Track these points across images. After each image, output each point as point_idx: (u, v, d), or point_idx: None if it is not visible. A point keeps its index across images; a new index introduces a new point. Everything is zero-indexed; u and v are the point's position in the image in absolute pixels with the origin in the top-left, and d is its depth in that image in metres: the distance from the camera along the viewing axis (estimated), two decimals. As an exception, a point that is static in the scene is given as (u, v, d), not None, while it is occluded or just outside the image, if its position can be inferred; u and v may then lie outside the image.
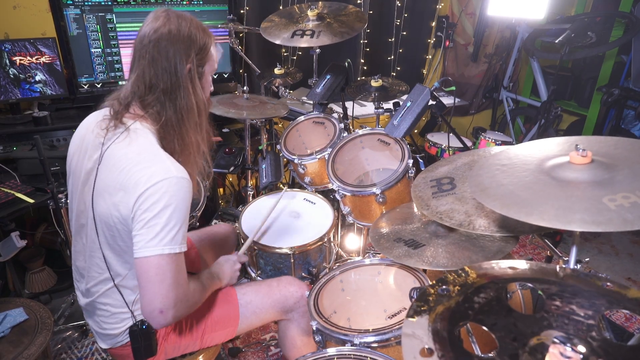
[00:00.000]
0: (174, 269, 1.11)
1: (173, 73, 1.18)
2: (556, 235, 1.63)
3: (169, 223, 1.09)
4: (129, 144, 1.15)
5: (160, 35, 1.16)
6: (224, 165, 2.40)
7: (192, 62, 1.20)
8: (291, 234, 1.82)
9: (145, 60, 1.17)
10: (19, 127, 2.39)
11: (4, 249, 1.95)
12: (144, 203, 1.08)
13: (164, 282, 1.10)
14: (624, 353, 0.73)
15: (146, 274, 1.10)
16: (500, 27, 3.77)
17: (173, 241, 1.10)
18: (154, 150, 1.16)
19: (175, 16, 1.19)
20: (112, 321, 1.27)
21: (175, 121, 1.21)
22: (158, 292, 1.10)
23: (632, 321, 2.37)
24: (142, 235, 1.08)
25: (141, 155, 1.13)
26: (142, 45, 1.17)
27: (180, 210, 1.11)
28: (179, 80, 1.19)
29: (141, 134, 1.17)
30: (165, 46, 1.16)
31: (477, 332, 0.93)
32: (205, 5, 2.79)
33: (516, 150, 1.21)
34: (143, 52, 1.17)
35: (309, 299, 1.46)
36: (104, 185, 1.15)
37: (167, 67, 1.17)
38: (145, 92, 1.19)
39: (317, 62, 2.53)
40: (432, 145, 3.03)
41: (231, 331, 1.43)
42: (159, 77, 1.17)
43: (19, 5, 2.46)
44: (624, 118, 3.29)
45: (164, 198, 1.08)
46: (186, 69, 1.19)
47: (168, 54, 1.16)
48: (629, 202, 0.90)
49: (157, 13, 1.20)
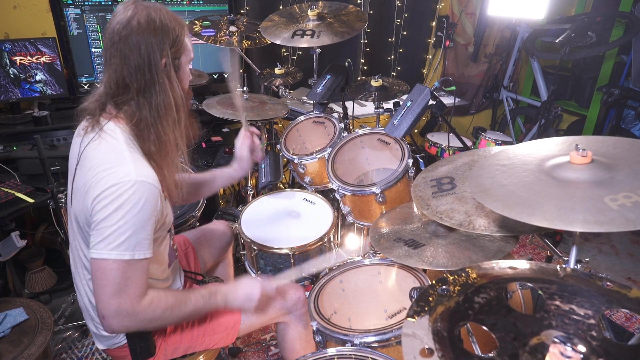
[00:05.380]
0: (118, 276, 1.05)
1: (147, 70, 1.11)
2: (556, 235, 1.62)
3: (119, 227, 1.04)
4: (98, 145, 1.12)
5: (130, 31, 1.09)
6: (224, 165, 2.38)
7: (167, 55, 1.13)
8: (291, 234, 1.82)
9: (117, 58, 1.10)
10: (19, 127, 2.39)
11: (4, 248, 1.95)
12: (98, 205, 1.05)
13: (105, 287, 1.05)
14: (624, 353, 0.72)
15: (94, 276, 1.07)
16: (501, 27, 3.77)
17: (122, 246, 1.04)
18: (118, 151, 1.10)
19: (144, 7, 1.12)
20: None
21: (152, 120, 1.15)
22: (99, 297, 1.06)
23: (632, 321, 2.36)
24: (93, 237, 1.06)
25: (106, 157, 1.10)
26: (112, 42, 1.10)
27: (134, 215, 1.05)
28: (154, 76, 1.12)
29: (111, 134, 1.13)
30: (137, 41, 1.09)
31: (477, 332, 0.92)
32: (205, 5, 2.79)
33: (516, 150, 1.21)
34: (113, 50, 1.10)
35: (309, 299, 1.46)
36: (77, 186, 1.13)
37: (140, 64, 1.10)
38: (118, 92, 1.13)
39: (317, 62, 2.53)
40: (432, 145, 3.03)
41: (233, 333, 1.43)
42: (132, 76, 1.11)
43: (19, 5, 2.46)
44: (624, 118, 3.28)
45: (117, 201, 1.03)
46: (162, 64, 1.13)
47: (140, 49, 1.09)
48: (631, 201, 0.90)
49: (125, 4, 1.12)
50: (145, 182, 1.07)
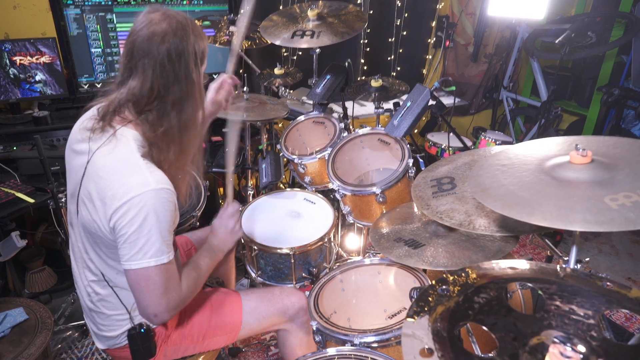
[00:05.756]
0: (162, 278, 1.11)
1: (184, 83, 1.12)
2: (556, 235, 1.63)
3: (151, 236, 1.07)
4: (111, 151, 1.11)
5: (169, 43, 1.08)
6: (224, 165, 2.39)
7: (199, 66, 1.16)
8: (291, 234, 1.82)
9: (152, 68, 1.09)
10: (19, 127, 2.39)
11: (4, 248, 1.95)
12: (122, 218, 1.05)
13: (154, 291, 1.11)
14: (624, 353, 0.72)
15: (137, 285, 1.11)
16: (501, 27, 3.77)
17: (158, 252, 1.09)
18: (132, 159, 1.10)
19: (174, 16, 1.11)
20: (108, 323, 1.27)
21: (177, 131, 1.16)
22: (150, 300, 1.12)
23: (632, 321, 2.36)
24: (126, 249, 1.08)
25: (119, 164, 1.09)
26: (145, 52, 1.08)
27: (161, 221, 1.08)
28: (190, 90, 1.14)
29: (124, 141, 1.12)
30: (178, 56, 1.09)
31: (477, 332, 0.93)
32: (205, 5, 2.79)
33: (516, 150, 1.21)
34: (148, 61, 1.09)
35: (309, 299, 1.46)
36: (86, 192, 1.12)
37: (179, 78, 1.11)
38: (147, 100, 1.12)
39: (317, 62, 2.53)
40: (432, 145, 3.03)
41: (232, 336, 1.43)
42: (169, 89, 1.11)
43: (19, 5, 2.46)
44: (624, 118, 3.28)
45: (143, 212, 1.05)
46: (196, 77, 1.15)
47: (180, 63, 1.10)
48: (631, 201, 0.90)
49: (154, 15, 1.10)
50: (164, 188, 1.09)
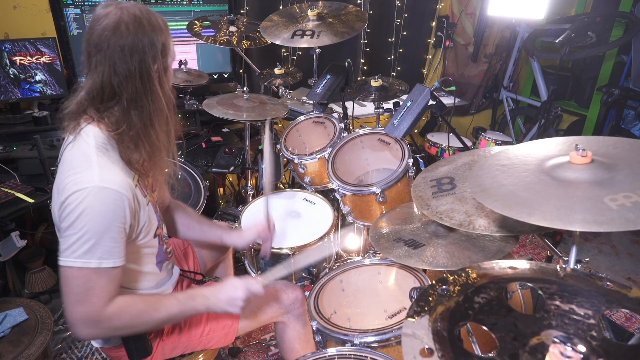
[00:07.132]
0: (81, 284, 1.03)
1: (139, 79, 1.07)
2: (556, 235, 1.63)
3: (82, 235, 1.01)
4: (72, 148, 1.09)
5: (119, 37, 1.03)
6: (224, 165, 2.40)
7: (159, 60, 1.09)
8: (291, 234, 1.82)
9: (103, 66, 1.04)
10: (19, 127, 2.39)
11: (4, 248, 1.95)
12: (64, 211, 1.03)
13: (68, 294, 1.04)
14: (624, 353, 0.72)
15: (61, 283, 1.05)
16: (500, 27, 3.77)
17: (88, 254, 1.02)
18: (86, 155, 1.07)
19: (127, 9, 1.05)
20: None
21: (142, 127, 1.11)
22: (65, 304, 1.05)
23: (632, 321, 2.36)
24: (61, 244, 1.04)
25: (75, 160, 1.07)
26: (97, 48, 1.04)
27: (98, 222, 1.02)
28: (146, 85, 1.08)
29: (85, 138, 1.09)
30: (128, 48, 1.03)
31: (477, 332, 0.93)
32: (205, 5, 2.79)
33: (516, 150, 1.21)
34: (100, 57, 1.04)
35: (309, 299, 1.46)
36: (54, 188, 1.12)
37: (131, 72, 1.05)
38: (102, 99, 1.08)
39: (317, 62, 2.53)
40: (432, 145, 3.03)
41: (231, 333, 1.43)
42: (122, 85, 1.06)
43: (19, 5, 2.46)
44: (624, 118, 3.29)
45: (79, 208, 1.01)
46: (154, 71, 1.09)
47: (132, 57, 1.04)
48: (631, 201, 0.90)
49: (106, 7, 1.05)
50: (108, 188, 1.03)
